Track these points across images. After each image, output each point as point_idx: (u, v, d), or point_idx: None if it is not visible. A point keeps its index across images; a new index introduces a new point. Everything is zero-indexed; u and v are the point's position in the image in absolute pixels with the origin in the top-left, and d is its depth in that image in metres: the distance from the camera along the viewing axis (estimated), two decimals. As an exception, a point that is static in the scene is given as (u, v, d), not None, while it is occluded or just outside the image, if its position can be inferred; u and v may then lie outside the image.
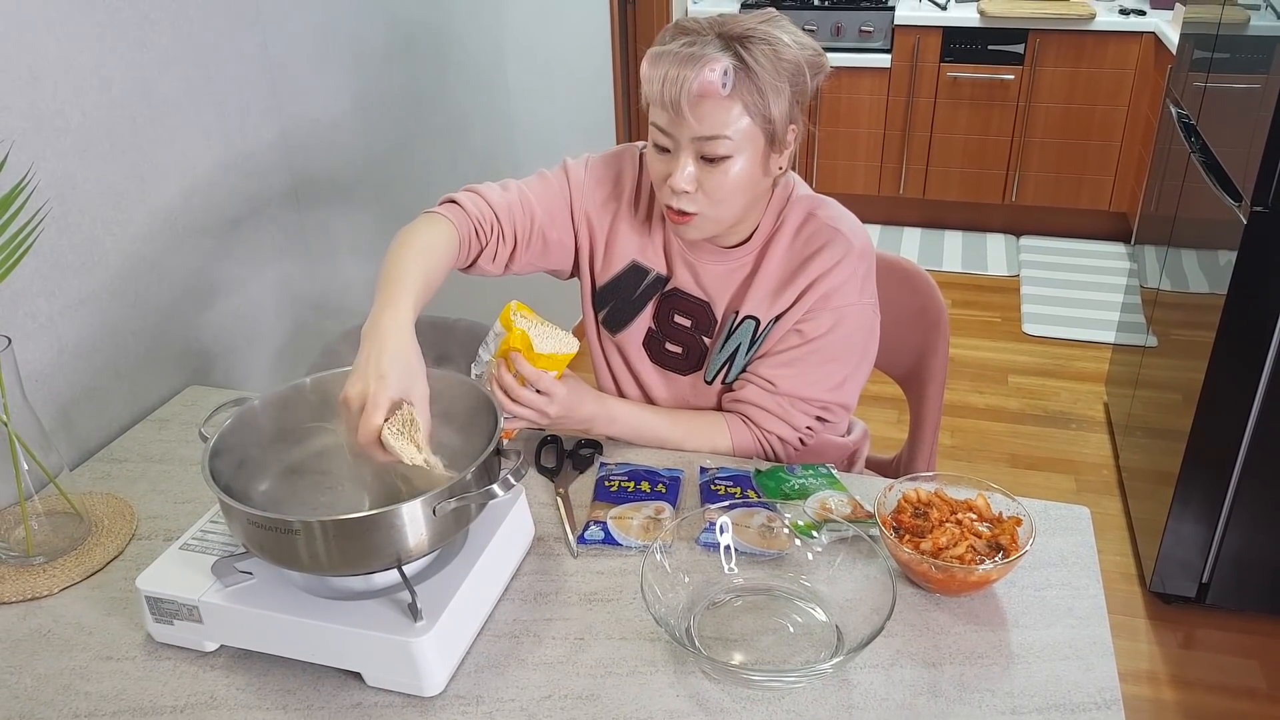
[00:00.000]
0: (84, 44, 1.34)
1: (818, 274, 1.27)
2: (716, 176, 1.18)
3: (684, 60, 1.12)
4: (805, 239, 1.29)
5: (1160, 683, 2.05)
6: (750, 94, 1.14)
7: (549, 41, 2.89)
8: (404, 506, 0.91)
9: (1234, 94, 2.09)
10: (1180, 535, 2.13)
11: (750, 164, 1.18)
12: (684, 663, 0.99)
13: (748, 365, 1.34)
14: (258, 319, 1.74)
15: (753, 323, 1.32)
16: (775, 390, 1.31)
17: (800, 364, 1.30)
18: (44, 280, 1.32)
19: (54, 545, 1.17)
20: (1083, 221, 4.16)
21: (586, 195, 1.35)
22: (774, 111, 1.15)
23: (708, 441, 1.33)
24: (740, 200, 1.22)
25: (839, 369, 1.31)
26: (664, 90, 1.13)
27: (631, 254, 1.36)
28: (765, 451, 1.34)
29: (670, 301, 1.36)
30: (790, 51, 1.15)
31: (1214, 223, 2.05)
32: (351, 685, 0.97)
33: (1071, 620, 1.04)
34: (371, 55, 2.00)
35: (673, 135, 1.17)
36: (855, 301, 1.29)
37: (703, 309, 1.35)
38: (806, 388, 1.30)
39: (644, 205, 1.36)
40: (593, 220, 1.36)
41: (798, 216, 1.30)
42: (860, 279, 1.29)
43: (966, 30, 3.85)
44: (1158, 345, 2.42)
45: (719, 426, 1.33)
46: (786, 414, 1.31)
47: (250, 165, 1.68)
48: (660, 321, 1.38)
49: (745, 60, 1.13)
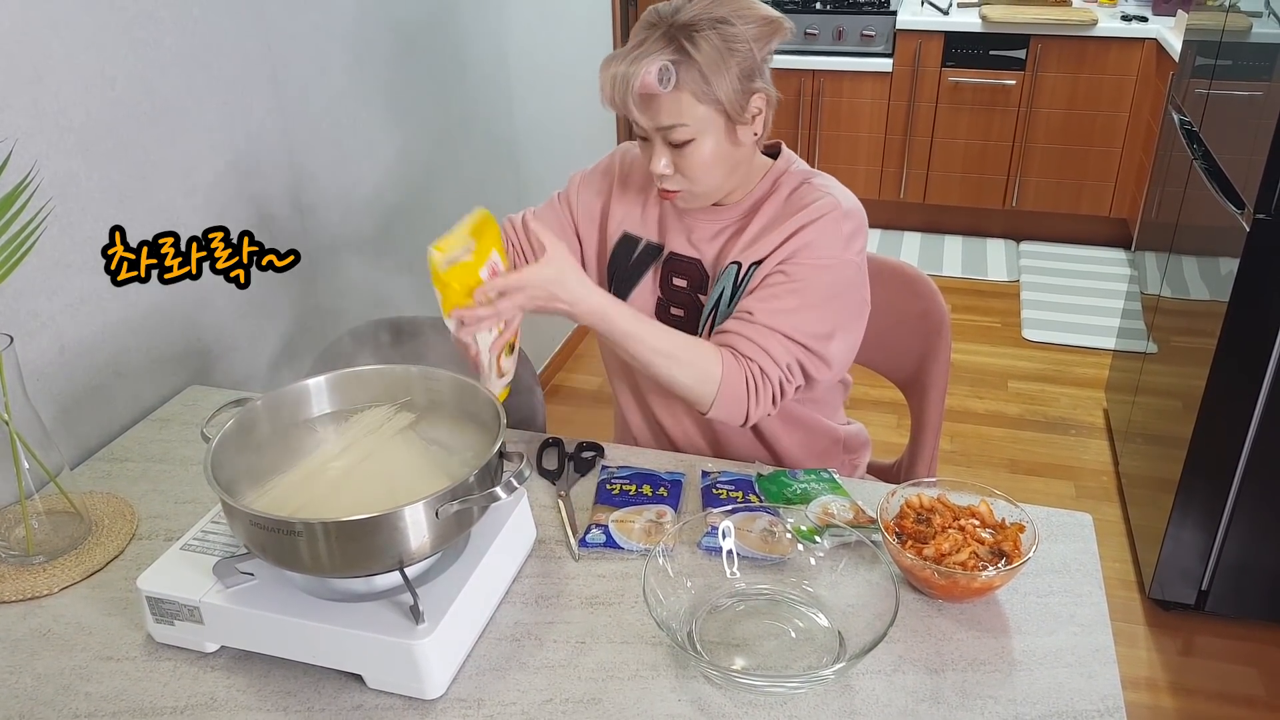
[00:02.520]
0: (87, 43, 1.34)
1: (802, 223, 1.28)
2: (688, 158, 1.25)
3: (627, 63, 1.19)
4: (796, 199, 1.32)
5: (1159, 690, 2.05)
6: (695, 83, 1.19)
7: (551, 42, 2.89)
8: (406, 508, 0.91)
9: (1237, 101, 2.09)
10: (1180, 542, 2.13)
11: (716, 142, 1.24)
12: (686, 667, 0.99)
13: (732, 310, 1.33)
14: (259, 319, 1.74)
15: (735, 267, 1.32)
16: (753, 319, 1.27)
17: (779, 299, 1.27)
18: (46, 279, 1.32)
19: (54, 545, 1.17)
20: (1083, 227, 4.16)
21: (580, 201, 1.46)
22: (721, 94, 1.20)
23: (700, 360, 1.25)
24: (717, 173, 1.28)
25: (822, 318, 1.28)
26: (613, 94, 1.21)
27: (622, 227, 1.44)
28: (750, 387, 1.26)
29: (669, 266, 1.40)
30: (735, 30, 1.19)
31: (1216, 230, 2.05)
32: (352, 687, 0.97)
33: (1074, 627, 1.03)
34: (374, 56, 2.00)
35: (643, 126, 1.25)
36: (839, 255, 1.28)
37: (695, 266, 1.38)
38: (786, 323, 1.26)
39: (633, 184, 1.43)
40: (589, 218, 1.46)
41: (792, 183, 1.34)
42: (846, 235, 1.29)
43: (968, 35, 3.85)
44: (1158, 351, 2.42)
45: (714, 352, 1.27)
46: (766, 343, 1.26)
47: (252, 164, 1.68)
48: (664, 288, 1.41)
49: (688, 51, 1.18)
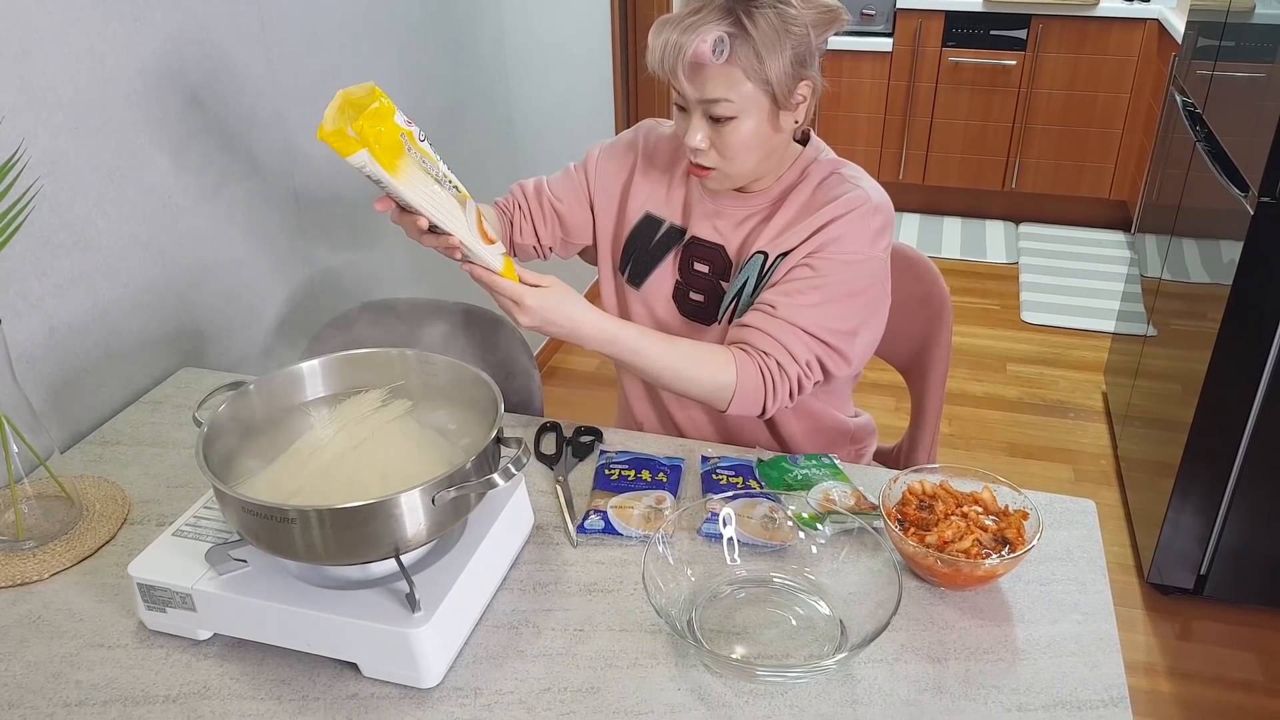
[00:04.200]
0: (76, 18, 1.31)
1: (830, 217, 1.27)
2: (726, 136, 1.22)
3: (682, 30, 1.16)
4: (825, 189, 1.30)
5: (1157, 674, 2.05)
6: (748, 59, 1.17)
7: (548, 23, 2.86)
8: (402, 495, 0.89)
9: (1241, 83, 2.06)
10: (1179, 526, 2.12)
11: (757, 123, 1.22)
12: (685, 655, 0.98)
13: (755, 301, 1.31)
14: (252, 300, 1.72)
15: (761, 257, 1.31)
16: (775, 314, 1.26)
17: (803, 294, 1.26)
18: (35, 259, 1.29)
19: (44, 529, 1.15)
20: (1083, 209, 4.14)
21: (596, 171, 1.44)
22: (772, 74, 1.18)
23: (712, 371, 1.24)
24: (753, 155, 1.25)
25: (844, 313, 1.26)
26: (663, 59, 1.18)
27: (645, 207, 1.42)
28: (768, 382, 1.25)
29: (690, 250, 1.38)
30: (795, 13, 1.17)
31: (1219, 213, 2.03)
32: (347, 676, 0.96)
33: (1078, 616, 1.02)
34: (369, 34, 1.97)
35: (684, 96, 1.22)
36: (866, 251, 1.27)
37: (718, 252, 1.36)
38: (807, 318, 1.25)
39: (659, 163, 1.41)
40: (607, 192, 1.44)
41: (821, 173, 1.32)
42: (874, 231, 1.27)
43: (969, 15, 3.82)
44: (1158, 335, 2.41)
45: (724, 356, 1.26)
46: (785, 339, 1.25)
47: (245, 144, 1.65)
48: (683, 272, 1.39)
49: (745, 25, 1.16)
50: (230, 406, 1.02)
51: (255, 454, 1.03)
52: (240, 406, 1.04)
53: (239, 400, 1.03)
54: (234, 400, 1.03)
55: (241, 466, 1.01)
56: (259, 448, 1.04)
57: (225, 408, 1.01)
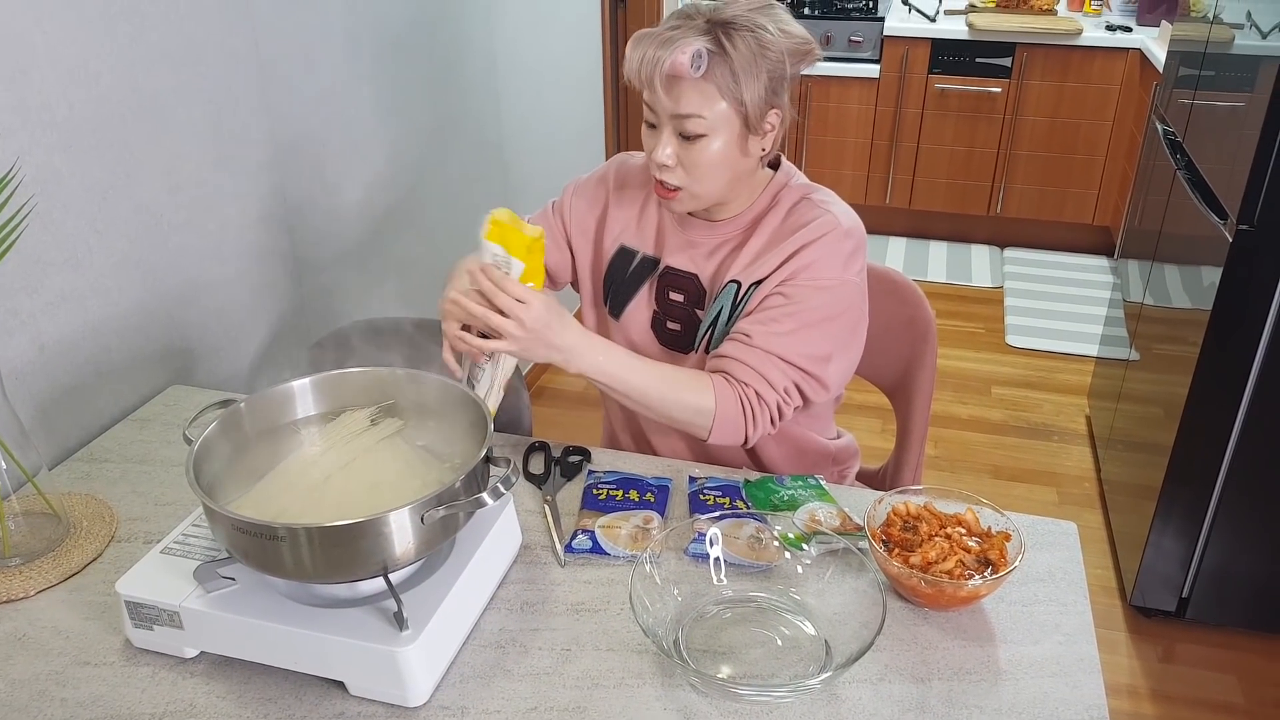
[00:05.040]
0: (72, 37, 1.32)
1: (802, 243, 1.27)
2: (694, 153, 1.23)
3: (661, 42, 1.18)
4: (796, 216, 1.31)
5: (1140, 697, 2.06)
6: (725, 78, 1.18)
7: (540, 43, 2.88)
8: (391, 514, 0.90)
9: (1220, 112, 2.10)
10: (1161, 549, 2.14)
11: (727, 144, 1.23)
12: (671, 675, 0.98)
13: (730, 330, 1.32)
14: (242, 319, 1.73)
15: (735, 286, 1.32)
16: (751, 343, 1.27)
17: (778, 322, 1.27)
18: (26, 276, 1.30)
19: (31, 547, 1.15)
20: (1066, 235, 4.19)
21: (571, 209, 1.45)
22: (747, 96, 1.19)
23: (692, 397, 1.26)
24: (720, 177, 1.26)
25: (820, 340, 1.28)
26: (640, 69, 1.19)
27: (619, 239, 1.43)
28: (744, 408, 1.27)
29: (665, 280, 1.39)
30: (772, 39, 1.19)
31: (1199, 239, 2.06)
32: (334, 695, 0.96)
33: (1059, 637, 1.03)
34: (362, 55, 1.99)
35: (655, 111, 1.23)
36: (839, 276, 1.27)
37: (692, 281, 1.37)
38: (783, 346, 1.27)
39: (630, 194, 1.42)
40: (582, 229, 1.45)
41: (792, 199, 1.33)
42: (846, 255, 1.28)
43: (955, 42, 3.87)
44: (1140, 359, 2.44)
45: (704, 382, 1.27)
46: (763, 368, 1.26)
47: (238, 163, 1.66)
48: (659, 301, 1.40)
49: (723, 45, 1.18)
50: (220, 424, 1.02)
51: (245, 472, 1.04)
52: (230, 425, 1.04)
53: (229, 418, 1.04)
54: (224, 418, 1.03)
55: (231, 484, 1.02)
56: (248, 466, 1.04)
57: (215, 426, 1.02)
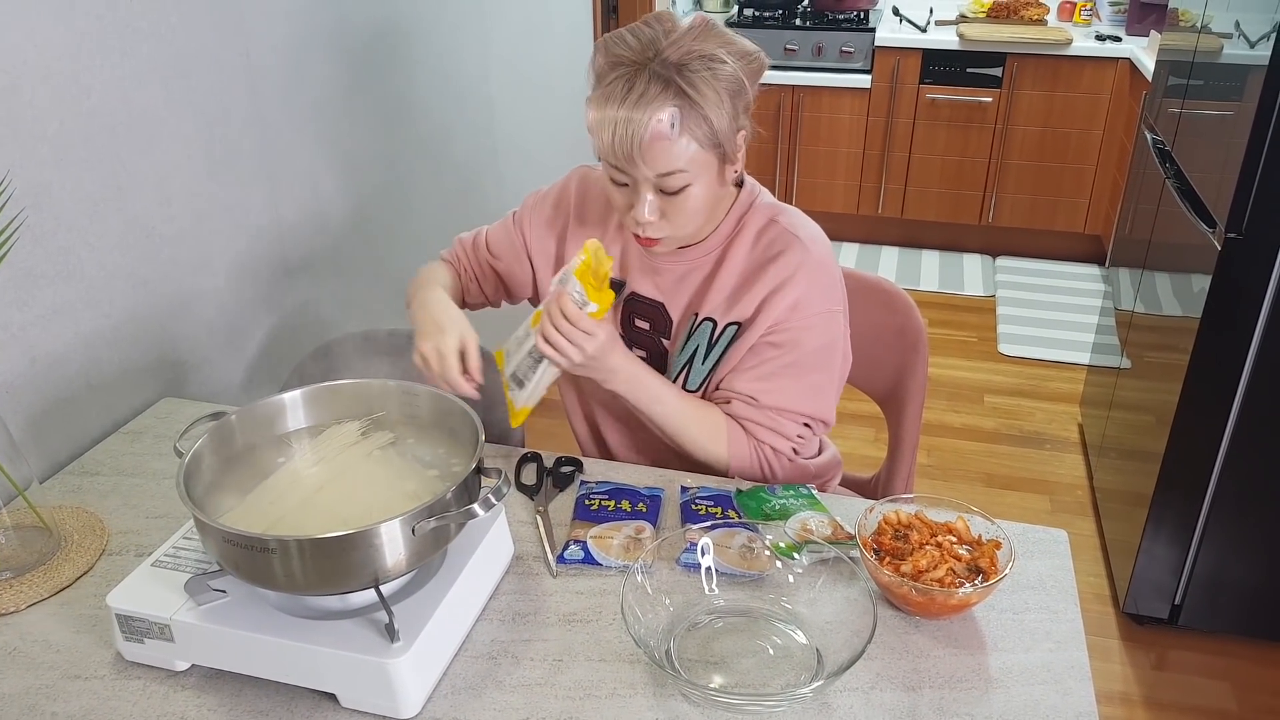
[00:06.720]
0: (63, 51, 1.33)
1: (777, 282, 1.27)
2: (678, 203, 1.20)
3: (629, 109, 1.12)
4: (765, 244, 1.30)
5: (1133, 704, 2.06)
6: (698, 126, 1.15)
7: (532, 54, 2.89)
8: (383, 525, 0.90)
9: (1208, 121, 2.11)
10: (1153, 556, 2.14)
11: (708, 184, 1.21)
12: (663, 685, 0.98)
13: (711, 372, 1.33)
14: (233, 331, 1.73)
15: (710, 324, 1.32)
16: (759, 404, 1.30)
17: (780, 377, 1.30)
18: (17, 289, 1.30)
19: (21, 560, 1.15)
20: (1058, 243, 4.20)
21: (531, 227, 1.43)
22: (720, 133, 1.17)
23: (707, 438, 1.30)
24: (703, 214, 1.26)
25: (822, 382, 1.31)
26: (614, 145, 1.15)
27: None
28: (761, 463, 1.32)
29: (630, 306, 1.39)
30: (727, 69, 1.15)
31: (1188, 248, 2.07)
32: (326, 707, 0.96)
33: (1050, 644, 1.04)
34: (354, 66, 1.99)
35: (629, 174, 1.19)
36: (822, 310, 1.29)
37: (658, 310, 1.37)
38: (789, 400, 1.30)
39: (591, 217, 1.39)
40: (543, 252, 1.43)
41: (759, 222, 1.31)
42: (823, 288, 1.29)
43: (946, 53, 3.89)
44: (1131, 367, 2.45)
45: (720, 426, 1.31)
46: (776, 424, 1.31)
47: (229, 175, 1.67)
48: (625, 327, 1.40)
49: (688, 93, 1.13)
50: (211, 437, 1.02)
51: (236, 484, 1.04)
52: (221, 437, 1.04)
53: (220, 431, 1.04)
54: (215, 431, 1.03)
55: (222, 497, 1.02)
56: (239, 478, 1.04)
57: (206, 438, 1.02)
